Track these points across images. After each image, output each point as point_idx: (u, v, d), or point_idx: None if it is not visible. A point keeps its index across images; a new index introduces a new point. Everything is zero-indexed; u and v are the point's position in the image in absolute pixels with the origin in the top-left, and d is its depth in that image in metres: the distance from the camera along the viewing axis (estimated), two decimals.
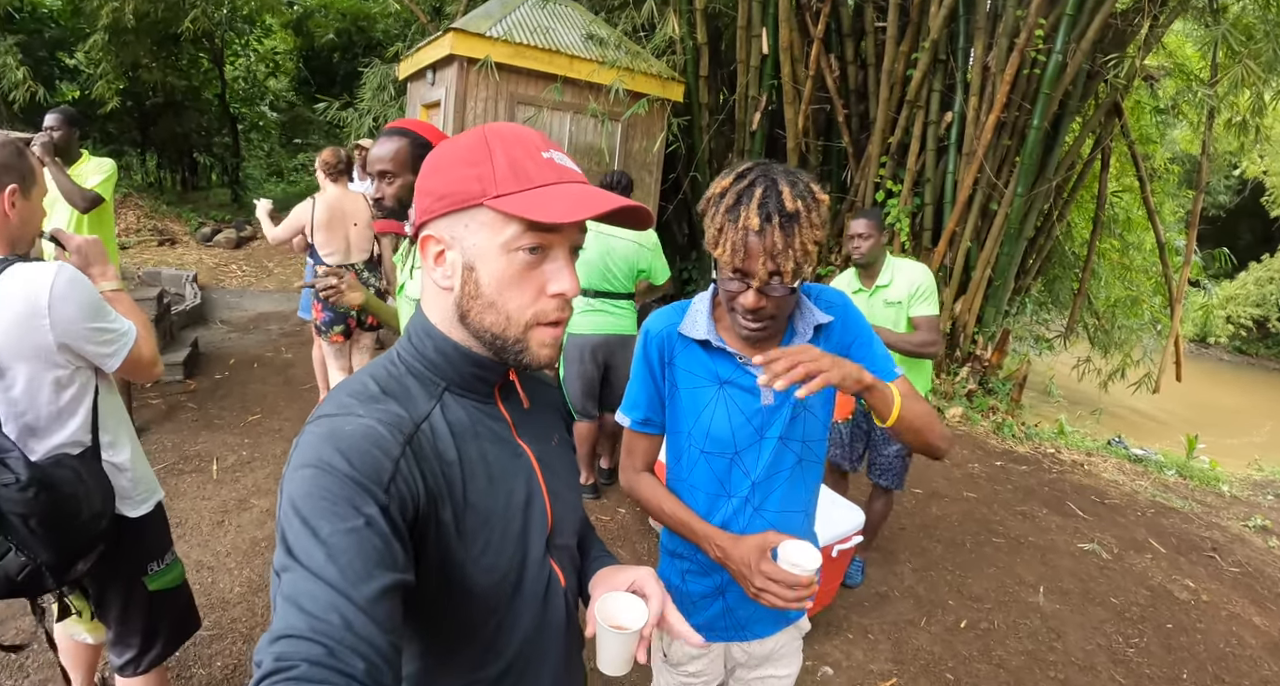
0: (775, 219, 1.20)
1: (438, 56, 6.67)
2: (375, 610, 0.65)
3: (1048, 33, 6.20)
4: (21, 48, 9.04)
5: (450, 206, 0.81)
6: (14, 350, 1.49)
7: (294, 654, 0.59)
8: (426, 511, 0.78)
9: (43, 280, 1.49)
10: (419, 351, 0.88)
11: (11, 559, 1.49)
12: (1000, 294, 7.27)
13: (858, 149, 7.64)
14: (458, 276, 0.83)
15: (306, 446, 0.75)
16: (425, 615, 0.86)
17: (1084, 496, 5.20)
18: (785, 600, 1.26)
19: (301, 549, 0.66)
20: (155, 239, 9.87)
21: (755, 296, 1.27)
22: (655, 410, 1.50)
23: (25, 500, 1.45)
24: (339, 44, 13.96)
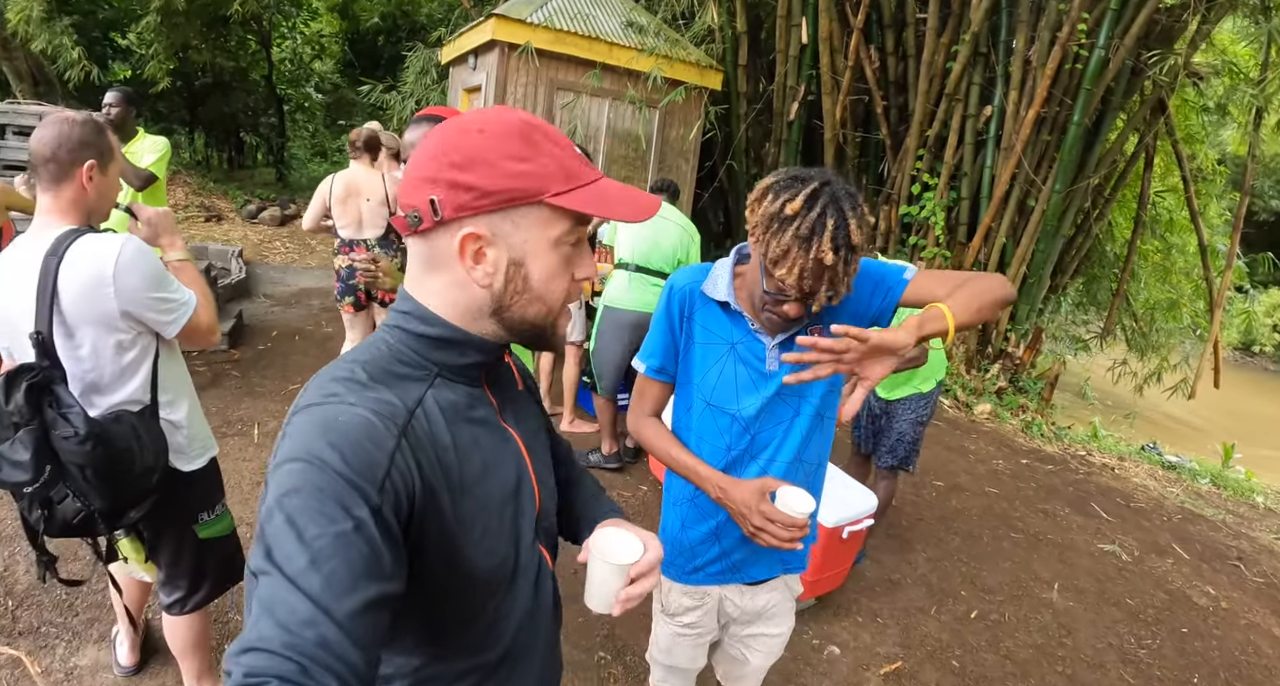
0: (843, 252, 1.26)
1: (479, 42, 6.76)
2: (354, 626, 0.62)
3: (1091, 27, 6.11)
4: (77, 28, 9.34)
5: (499, 204, 0.77)
6: (82, 315, 1.63)
7: (266, 669, 0.57)
8: (424, 502, 0.76)
9: (109, 251, 1.62)
10: (417, 341, 0.84)
11: (69, 504, 1.64)
12: (1035, 291, 7.19)
13: (895, 141, 7.59)
14: (500, 273, 0.81)
15: (297, 437, 0.72)
16: (429, 605, 0.85)
17: (1109, 498, 5.16)
18: (780, 540, 1.36)
19: (283, 552, 0.64)
20: (202, 215, 10.15)
21: (799, 308, 1.34)
22: (669, 360, 1.59)
23: (83, 452, 1.58)
24: (384, 28, 14.16)
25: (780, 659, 2.80)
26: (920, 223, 7.25)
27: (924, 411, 3.32)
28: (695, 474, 1.51)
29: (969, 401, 6.83)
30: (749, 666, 1.78)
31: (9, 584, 2.79)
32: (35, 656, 2.45)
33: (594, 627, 2.89)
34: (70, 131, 1.68)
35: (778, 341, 1.48)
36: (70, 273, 1.60)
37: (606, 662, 2.72)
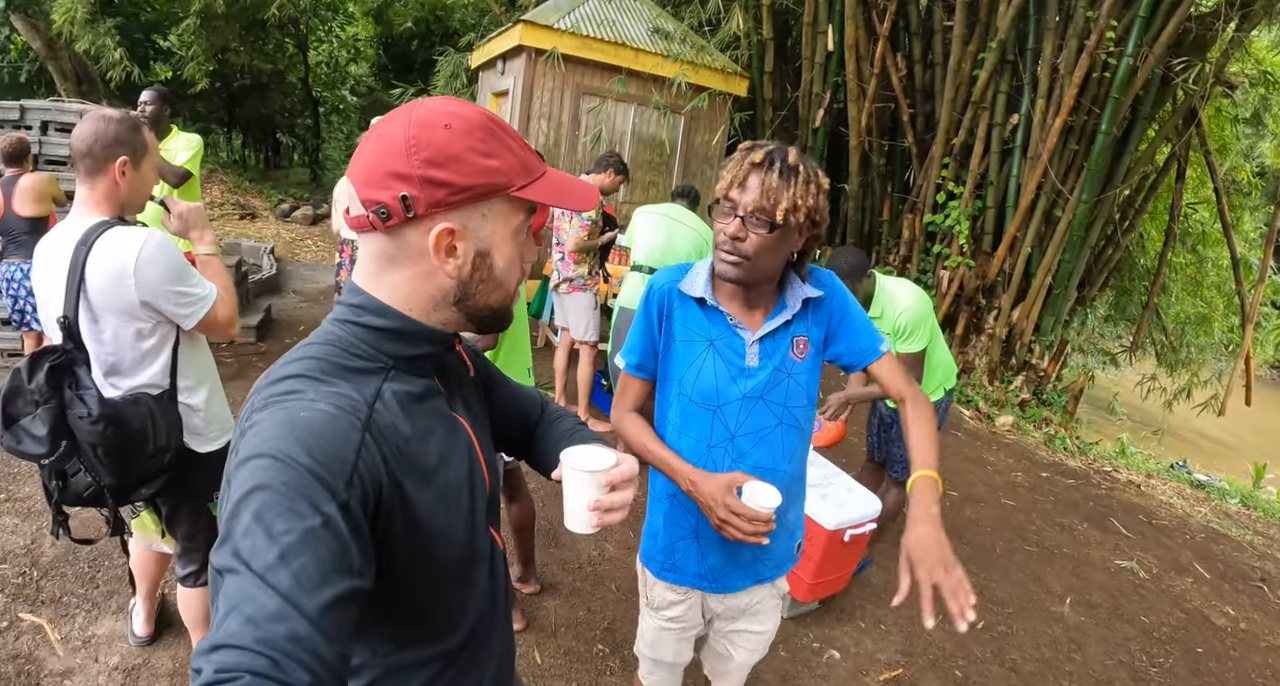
0: (777, 164, 1.35)
1: (507, 47, 6.85)
2: (324, 621, 0.62)
3: (1120, 35, 6.03)
4: (120, 30, 9.61)
5: (471, 198, 0.80)
6: (105, 303, 1.72)
7: (237, 665, 0.56)
8: (390, 494, 0.77)
9: (133, 245, 1.71)
10: (368, 332, 0.84)
11: (80, 478, 1.74)
12: (1060, 303, 7.10)
13: (921, 149, 7.54)
14: (469, 264, 0.83)
15: (259, 435, 0.71)
16: (395, 595, 0.85)
17: (1131, 515, 5.07)
18: (743, 533, 1.39)
19: (250, 548, 0.63)
20: (237, 213, 10.37)
21: (738, 225, 1.38)
22: (649, 358, 1.62)
23: (95, 432, 1.68)
24: (417, 32, 14.37)
25: (778, 660, 2.82)
26: (945, 231, 7.20)
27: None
28: (669, 466, 1.53)
29: (990, 413, 6.75)
30: (733, 662, 1.78)
31: (35, 556, 2.91)
32: (56, 624, 2.56)
33: (595, 620, 2.91)
34: (106, 128, 1.78)
35: (757, 337, 1.50)
36: (96, 263, 1.69)
37: (604, 655, 2.73)
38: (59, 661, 2.40)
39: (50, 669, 2.37)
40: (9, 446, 1.68)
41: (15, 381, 1.67)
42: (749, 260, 1.40)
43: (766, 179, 1.34)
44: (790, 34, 8.32)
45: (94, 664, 2.40)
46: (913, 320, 2.91)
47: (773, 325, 1.50)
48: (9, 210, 4.17)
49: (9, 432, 1.67)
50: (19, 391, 1.66)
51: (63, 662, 2.40)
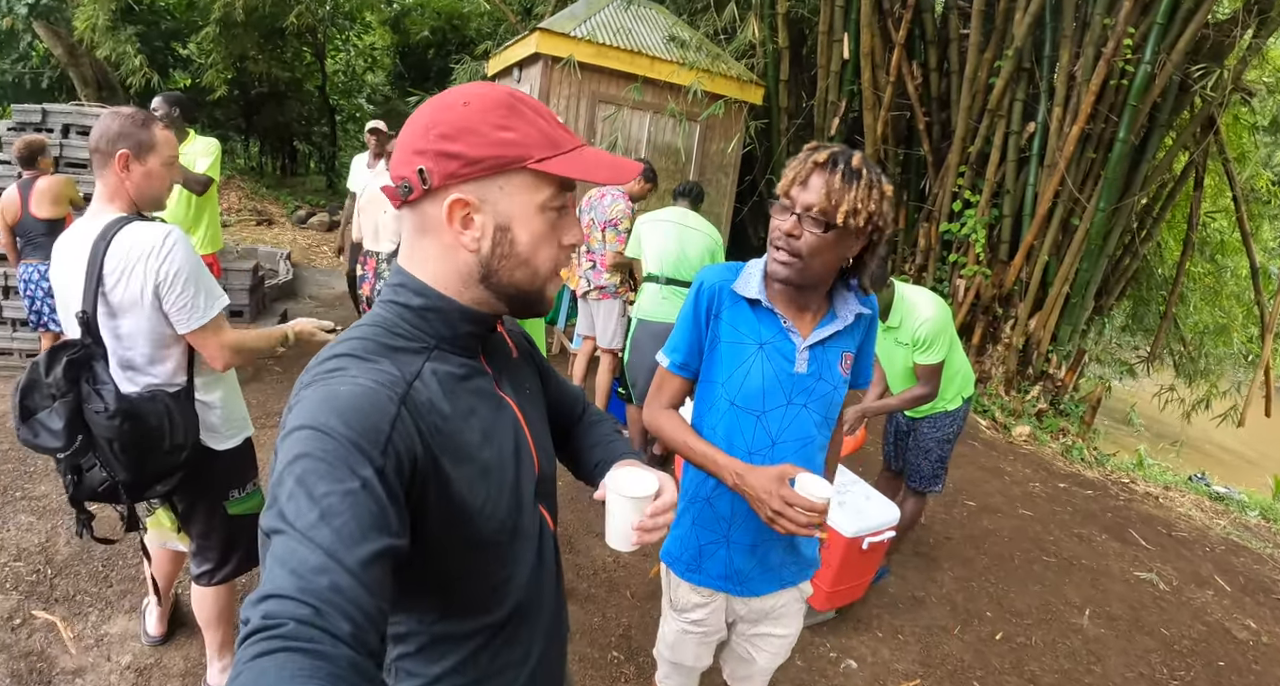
0: (840, 166, 1.34)
1: (524, 55, 6.89)
2: (365, 574, 0.65)
3: (1137, 42, 5.99)
4: (140, 37, 9.73)
5: (486, 170, 0.81)
6: (123, 297, 1.74)
7: (281, 612, 0.59)
8: (425, 466, 0.80)
9: (152, 237, 1.73)
10: (410, 312, 0.88)
11: (95, 473, 1.75)
12: (1077, 312, 7.04)
13: (937, 157, 7.51)
14: (488, 238, 0.84)
15: (302, 409, 0.75)
16: (438, 567, 0.88)
17: (1150, 526, 5.01)
18: (798, 525, 1.33)
19: (294, 510, 0.66)
20: (254, 219, 10.46)
21: (794, 222, 1.36)
22: (693, 357, 1.59)
23: (112, 427, 1.69)
24: (433, 41, 14.47)
25: (795, 669, 2.80)
26: (961, 240, 7.16)
27: (950, 429, 3.26)
28: (713, 462, 1.48)
29: (1007, 423, 6.69)
30: (755, 666, 1.77)
31: (50, 554, 2.93)
32: (69, 622, 2.57)
33: (610, 627, 2.90)
34: (109, 124, 1.80)
35: (808, 344, 1.49)
36: (115, 256, 1.71)
37: (619, 662, 2.72)
38: (71, 659, 2.42)
39: (62, 666, 2.38)
40: (26, 439, 1.69)
41: (33, 375, 1.69)
42: (801, 259, 1.38)
43: (829, 179, 1.33)
44: (805, 42, 8.32)
45: (106, 662, 2.41)
46: (932, 331, 2.88)
47: (824, 333, 1.49)
48: (26, 212, 4.22)
49: (26, 425, 1.68)
50: (36, 385, 1.68)
51: (75, 661, 2.41)
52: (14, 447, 3.69)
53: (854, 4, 7.17)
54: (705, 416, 1.60)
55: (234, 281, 5.79)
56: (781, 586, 1.66)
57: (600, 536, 3.52)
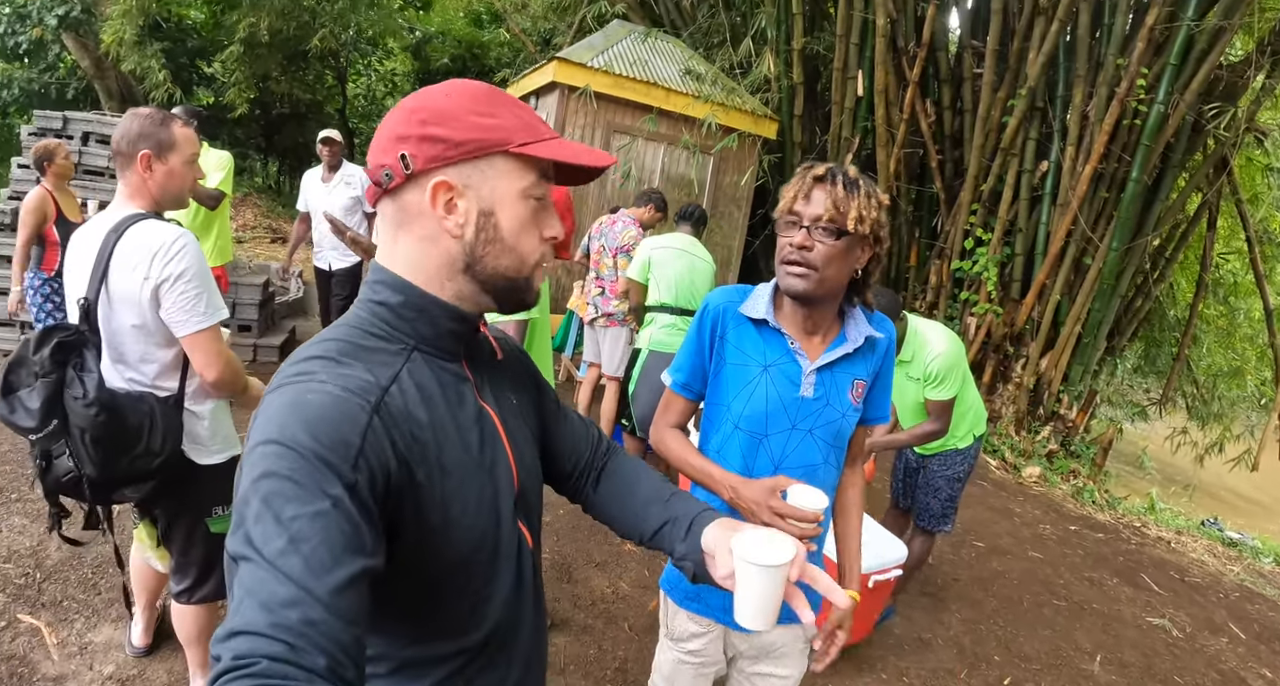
0: (839, 178, 1.37)
1: (541, 83, 6.97)
2: (338, 603, 0.62)
3: (1150, 82, 6.02)
4: (166, 53, 9.89)
5: (469, 153, 0.80)
6: (121, 289, 1.74)
7: (254, 651, 0.57)
8: (400, 478, 0.76)
9: (164, 235, 1.74)
10: (387, 310, 0.85)
11: (62, 462, 1.72)
12: (1089, 352, 6.98)
13: (950, 195, 7.53)
14: (471, 224, 0.83)
15: (269, 419, 0.72)
16: (411, 587, 0.84)
17: (1162, 571, 4.90)
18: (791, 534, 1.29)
19: (261, 535, 0.63)
20: (269, 236, 10.53)
21: (804, 234, 1.36)
22: (696, 378, 1.59)
23: (87, 416, 1.67)
24: (453, 68, 14.68)
25: None
26: (973, 278, 7.15)
27: (960, 468, 3.20)
28: (709, 477, 1.48)
29: (1017, 463, 6.61)
30: None
31: (40, 558, 2.91)
32: (54, 628, 2.55)
33: (606, 659, 2.84)
34: (130, 125, 1.83)
35: (816, 366, 1.47)
36: (124, 249, 1.72)
37: None
38: (53, 666, 2.39)
39: (44, 672, 2.35)
40: (2, 414, 1.69)
41: (22, 351, 1.69)
42: (817, 270, 1.37)
43: (832, 190, 1.35)
44: (820, 78, 8.40)
45: (88, 671, 2.38)
46: (944, 367, 2.84)
47: (833, 356, 1.47)
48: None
49: (4, 400, 1.68)
50: (23, 362, 1.68)
51: (57, 667, 2.38)
52: (12, 449, 3.69)
53: (869, 42, 7.25)
54: (711, 438, 1.58)
55: (244, 296, 5.82)
56: (785, 620, 1.61)
57: (599, 566, 3.46)
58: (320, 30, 10.66)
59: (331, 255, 5.18)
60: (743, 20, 8.37)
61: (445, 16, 15.47)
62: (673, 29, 8.50)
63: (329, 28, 10.77)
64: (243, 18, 10.13)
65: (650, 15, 8.85)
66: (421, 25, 15.31)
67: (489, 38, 14.32)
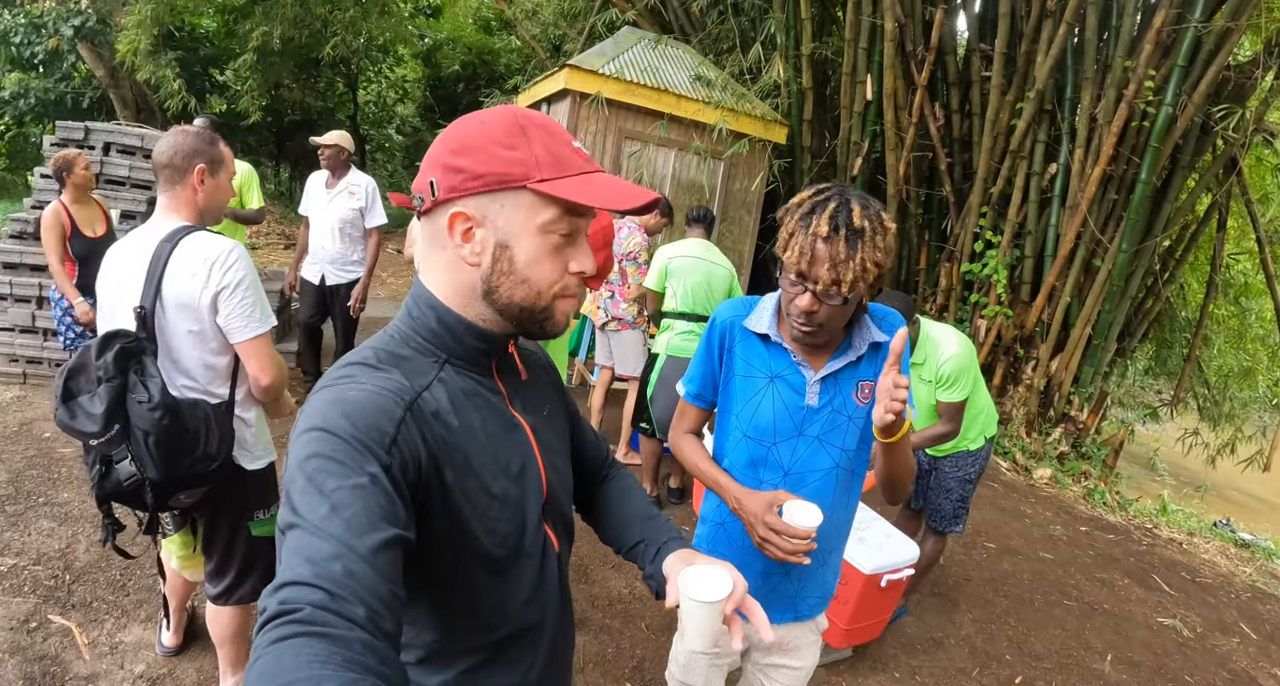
0: (842, 231, 1.31)
1: (552, 90, 7.02)
2: (377, 559, 0.66)
3: (1158, 85, 6.03)
4: (179, 62, 10.04)
5: (487, 186, 0.82)
6: (178, 299, 1.80)
7: (298, 598, 0.61)
8: (429, 472, 0.81)
9: (221, 247, 1.82)
10: (422, 324, 0.90)
11: (125, 466, 1.76)
12: (1100, 354, 6.99)
13: (959, 198, 7.55)
14: (488, 254, 0.85)
15: (312, 412, 0.78)
16: (436, 583, 0.89)
17: (1173, 572, 4.92)
18: (783, 552, 1.38)
19: (306, 505, 0.69)
20: (282, 243, 10.65)
21: (811, 300, 1.37)
22: (708, 389, 1.65)
23: (152, 419, 1.72)
24: (464, 75, 14.79)
25: None
26: (983, 280, 7.16)
27: (972, 469, 3.24)
28: (717, 484, 1.55)
29: (1028, 465, 6.62)
30: None
31: (69, 560, 2.98)
32: (84, 628, 2.61)
33: (624, 658, 2.89)
34: (184, 140, 1.90)
35: (820, 376, 1.50)
36: (180, 258, 1.79)
37: None
38: (84, 665, 2.45)
39: (75, 672, 2.42)
40: (62, 421, 1.71)
41: (83, 358, 1.72)
42: (823, 328, 1.41)
43: (833, 251, 1.31)
44: (829, 83, 8.43)
45: (119, 670, 2.44)
46: (957, 369, 2.87)
47: (837, 365, 1.50)
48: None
49: (65, 407, 1.71)
50: (84, 368, 1.72)
51: (88, 667, 2.45)
52: (39, 454, 3.77)
53: (877, 46, 7.28)
54: (723, 446, 1.64)
55: None
56: (796, 618, 1.66)
57: (616, 567, 3.52)
58: (332, 38, 10.80)
59: (328, 268, 4.72)
60: (752, 26, 8.40)
61: (455, 23, 15.56)
62: (682, 35, 8.55)
63: (340, 36, 10.90)
64: (255, 26, 10.28)
65: (660, 22, 8.90)
66: (432, 32, 15.43)
67: (499, 44, 14.41)
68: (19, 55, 9.81)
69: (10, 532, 3.11)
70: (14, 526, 3.16)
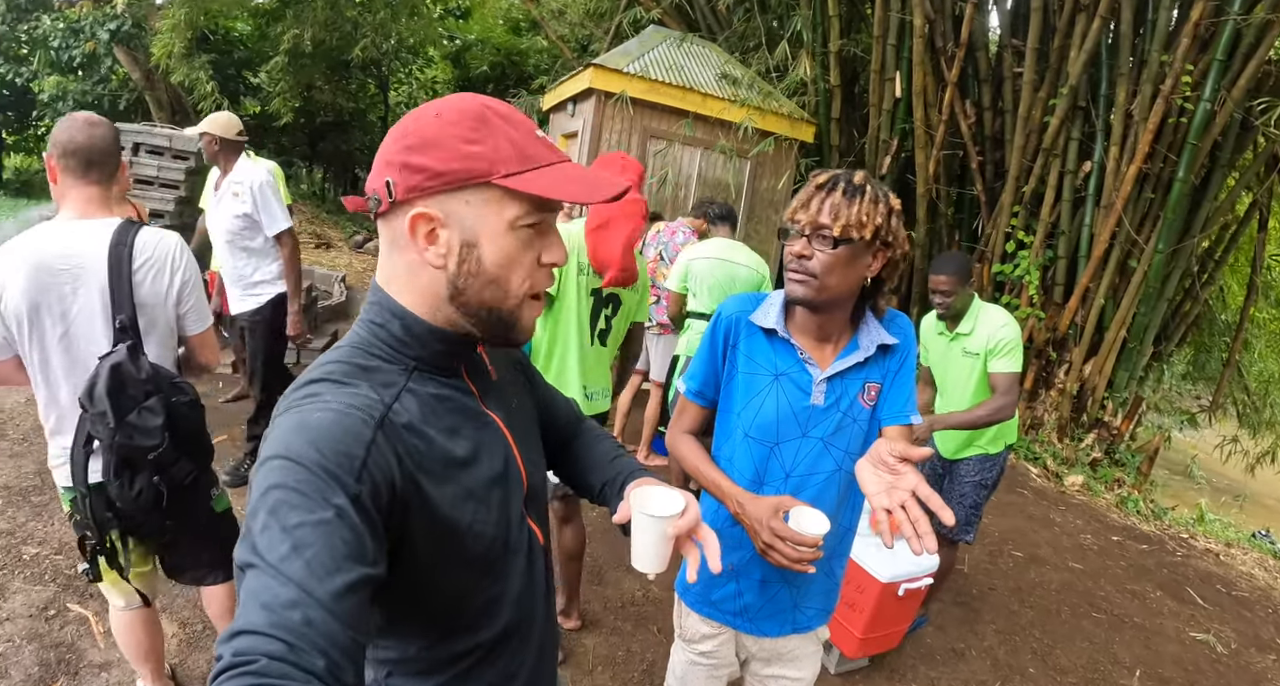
0: (841, 184, 1.37)
1: (578, 90, 7.02)
2: (338, 606, 0.63)
3: (1196, 80, 5.85)
4: (213, 65, 10.20)
5: (450, 184, 0.78)
6: (149, 296, 1.80)
7: (253, 649, 0.58)
8: (406, 491, 0.78)
9: (172, 243, 1.84)
10: (386, 332, 0.86)
11: (183, 465, 1.76)
12: (1135, 358, 6.81)
13: (990, 197, 7.41)
14: (454, 255, 0.81)
15: (276, 438, 0.73)
16: (424, 591, 0.87)
17: (1208, 585, 4.76)
18: (788, 559, 1.33)
19: (266, 543, 0.65)
20: (313, 242, 10.77)
21: (804, 243, 1.37)
22: (709, 386, 1.60)
23: (194, 416, 1.76)
24: (492, 76, 14.87)
25: None
26: (1014, 281, 7.03)
27: (989, 475, 3.14)
28: (719, 488, 1.50)
29: (1059, 471, 6.47)
30: None
31: None
32: (100, 618, 2.65)
33: (634, 661, 2.86)
34: (106, 132, 1.81)
35: (826, 375, 1.46)
36: (142, 257, 1.78)
37: None
38: (99, 653, 2.51)
39: (90, 660, 2.48)
40: (122, 443, 1.65)
41: (117, 376, 1.64)
42: (816, 278, 1.38)
43: (830, 197, 1.36)
44: (857, 80, 8.33)
45: None
46: (1014, 336, 2.76)
47: (843, 365, 1.47)
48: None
49: (120, 430, 1.64)
50: (124, 384, 1.65)
51: (103, 655, 2.51)
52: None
53: (906, 42, 7.17)
54: (723, 447, 1.60)
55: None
56: (795, 630, 1.61)
57: (628, 569, 3.48)
58: (362, 40, 10.91)
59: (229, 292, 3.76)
60: (779, 23, 8.34)
61: (484, 24, 15.68)
62: (708, 33, 8.49)
63: (370, 38, 11.01)
64: (287, 29, 10.43)
65: (686, 20, 8.85)
66: (461, 33, 15.55)
67: (527, 45, 14.47)
68: (58, 59, 10.05)
69: (34, 522, 3.18)
70: (38, 516, 3.22)
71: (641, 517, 0.98)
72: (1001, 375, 2.81)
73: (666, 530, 0.97)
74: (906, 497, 1.10)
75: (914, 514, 1.08)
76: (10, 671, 2.38)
